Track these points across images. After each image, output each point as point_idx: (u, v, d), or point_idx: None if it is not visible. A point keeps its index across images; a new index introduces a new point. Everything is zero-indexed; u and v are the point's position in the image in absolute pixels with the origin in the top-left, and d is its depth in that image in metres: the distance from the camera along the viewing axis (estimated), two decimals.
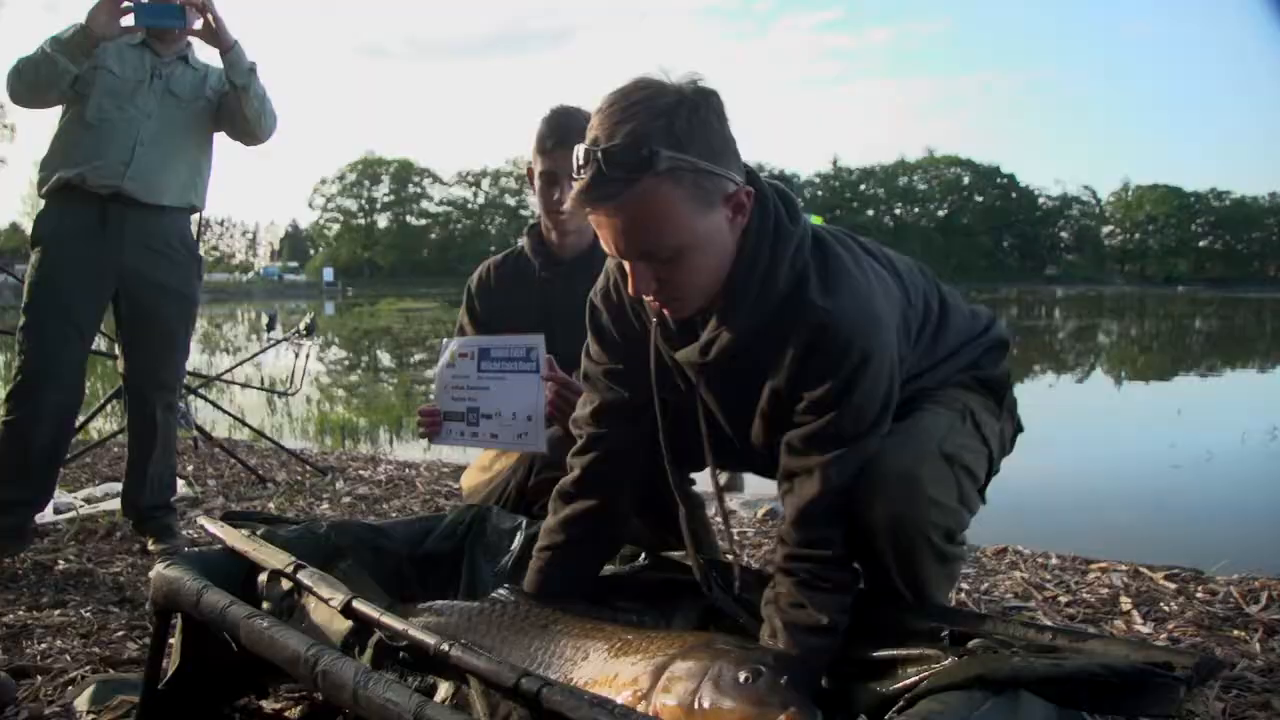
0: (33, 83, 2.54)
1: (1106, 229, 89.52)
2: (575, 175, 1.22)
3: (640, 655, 1.12)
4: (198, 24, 2.61)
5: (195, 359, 4.02)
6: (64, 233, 2.63)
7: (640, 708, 1.03)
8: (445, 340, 2.20)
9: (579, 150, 1.22)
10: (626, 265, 1.31)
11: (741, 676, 1.00)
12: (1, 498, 2.57)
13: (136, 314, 2.72)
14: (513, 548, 1.72)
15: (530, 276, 2.27)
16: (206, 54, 2.80)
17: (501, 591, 1.48)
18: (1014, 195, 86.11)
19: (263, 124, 2.77)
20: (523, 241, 2.33)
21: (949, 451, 1.40)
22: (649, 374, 1.48)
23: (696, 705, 0.99)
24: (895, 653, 1.17)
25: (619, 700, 1.06)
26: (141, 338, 2.75)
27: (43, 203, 2.71)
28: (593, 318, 1.57)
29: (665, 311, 1.38)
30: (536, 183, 2.18)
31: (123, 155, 2.61)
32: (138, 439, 2.80)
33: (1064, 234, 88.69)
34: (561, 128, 2.09)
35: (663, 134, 1.19)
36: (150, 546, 2.76)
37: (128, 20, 2.54)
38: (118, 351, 2.87)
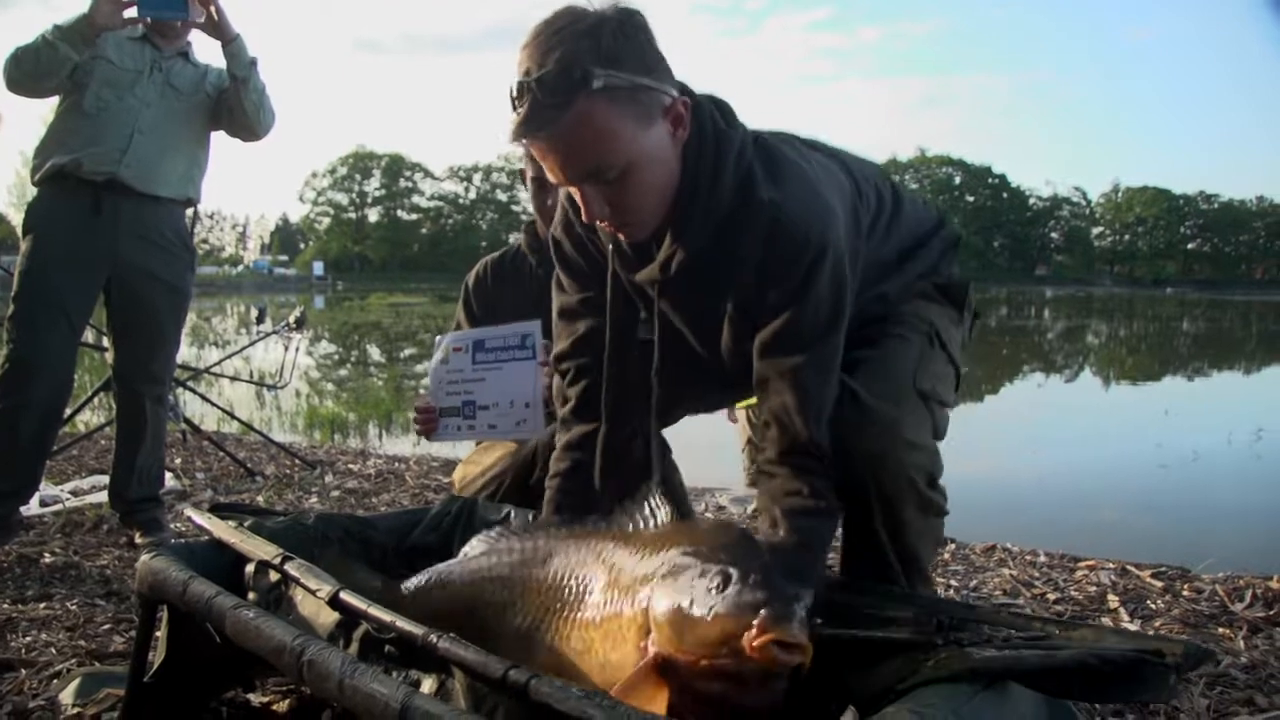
0: (31, 70, 2.53)
1: (1096, 230, 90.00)
2: (513, 110, 1.22)
3: (635, 581, 1.10)
4: (200, 17, 2.61)
5: (184, 352, 4.01)
6: (56, 220, 2.61)
7: (646, 645, 1.02)
8: (439, 337, 2.19)
9: (512, 85, 1.22)
10: (576, 193, 1.31)
11: (712, 586, 0.98)
12: None
13: (128, 304, 2.70)
14: None
15: (526, 274, 2.27)
16: (206, 55, 2.82)
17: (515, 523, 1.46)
18: (1005, 195, 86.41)
19: (261, 119, 2.77)
20: (519, 239, 2.33)
21: (924, 388, 1.44)
22: (616, 303, 1.50)
23: (682, 632, 0.98)
24: (885, 634, 1.16)
25: (630, 642, 1.06)
26: (132, 329, 2.74)
27: (33, 193, 2.69)
28: (557, 251, 1.58)
29: (622, 237, 1.38)
30: (529, 187, 2.17)
31: (119, 142, 2.59)
32: (126, 431, 2.79)
33: (1054, 235, 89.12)
34: None
35: (591, 53, 1.19)
36: (137, 539, 2.74)
37: (131, 12, 2.54)
38: (107, 343, 2.85)
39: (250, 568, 1.37)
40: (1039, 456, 5.94)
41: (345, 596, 1.13)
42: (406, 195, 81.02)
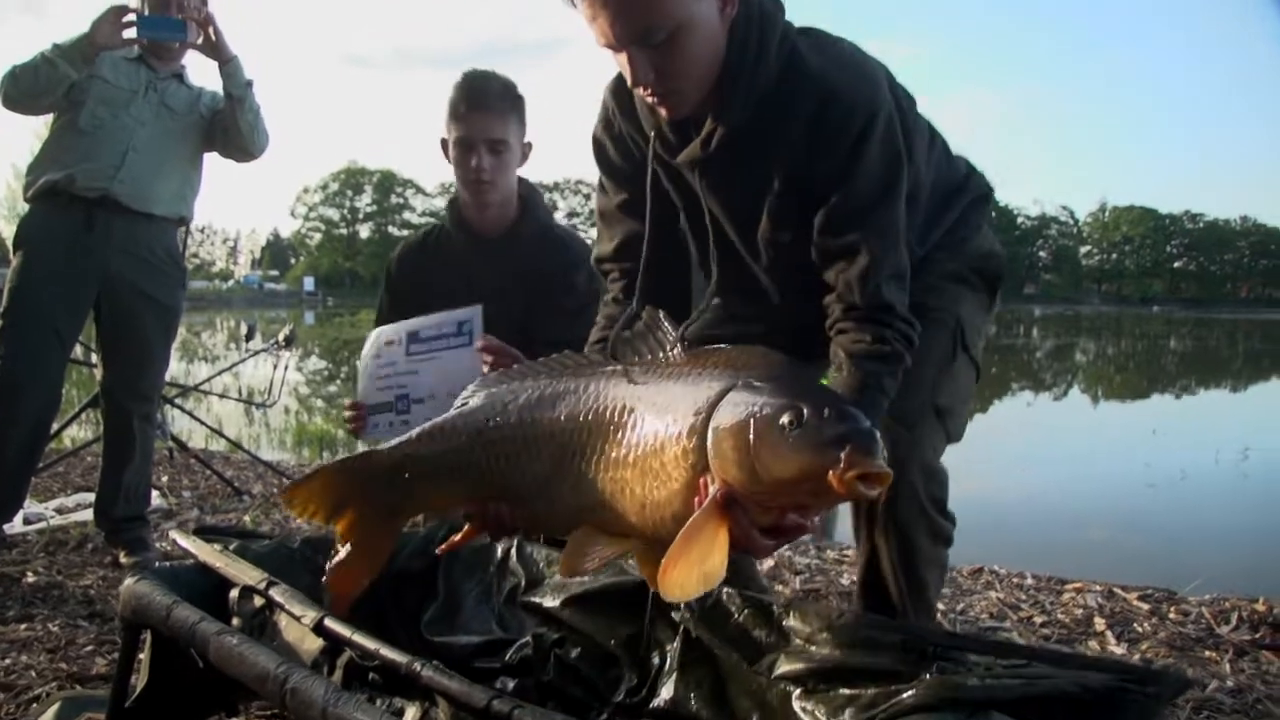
0: (30, 88, 2.55)
1: (1084, 249, 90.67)
2: None
3: (675, 414, 1.03)
4: (198, 38, 2.63)
5: (172, 367, 3.97)
6: (48, 237, 2.61)
7: (704, 482, 0.98)
8: (371, 332, 2.09)
9: None
10: (624, 58, 1.34)
11: (786, 422, 0.92)
12: None
13: (118, 322, 2.70)
14: (491, 568, 1.71)
15: (452, 254, 2.20)
16: (200, 77, 2.85)
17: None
18: (993, 214, 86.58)
19: (256, 139, 2.79)
20: (444, 217, 2.27)
21: (941, 404, 1.46)
22: (656, 198, 1.52)
23: (758, 471, 0.93)
24: (868, 662, 1.16)
25: (678, 480, 1.01)
26: (121, 346, 2.73)
27: (24, 207, 2.70)
28: (598, 152, 1.62)
29: (664, 111, 1.41)
30: (452, 152, 2.11)
31: (114, 159, 2.61)
32: (113, 449, 2.77)
33: (1042, 253, 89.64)
34: (475, 91, 2.05)
35: None
36: (122, 559, 2.72)
37: (130, 33, 2.56)
38: (95, 359, 2.84)
39: (235, 592, 1.36)
40: (1028, 476, 5.95)
41: (330, 623, 1.13)
42: (398, 211, 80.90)
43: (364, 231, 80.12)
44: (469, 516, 1.26)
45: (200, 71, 2.80)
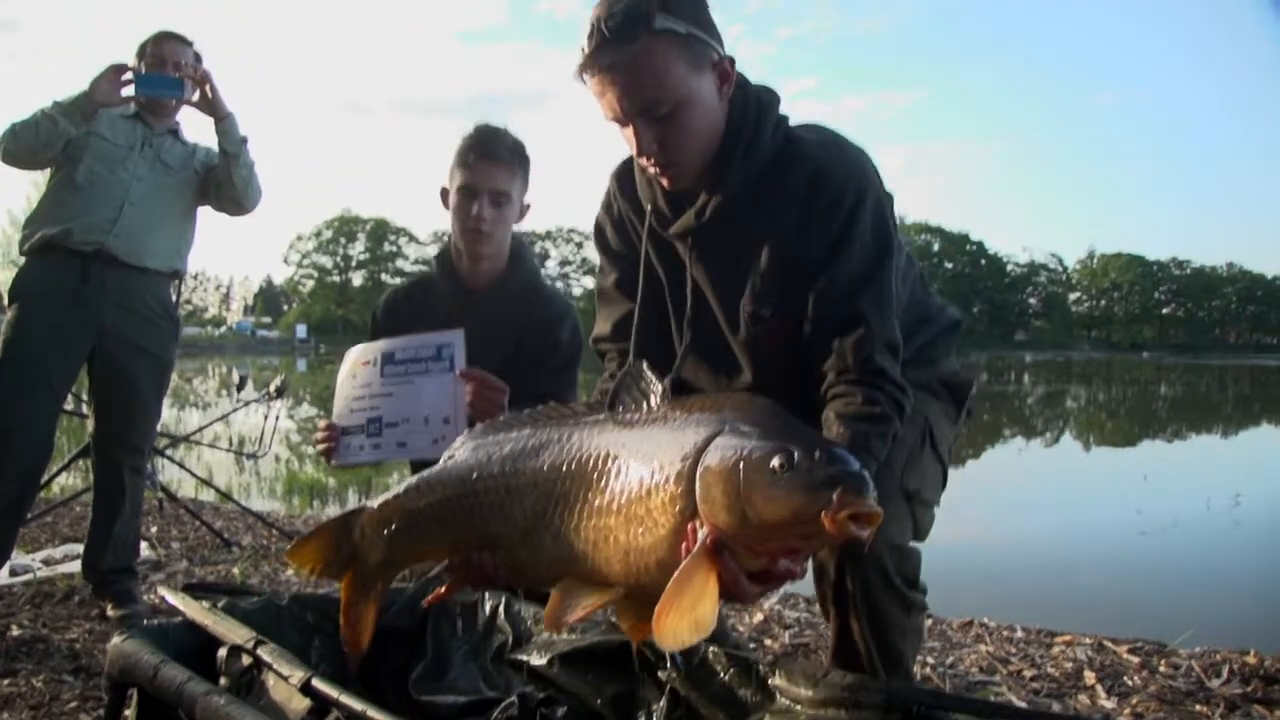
0: (29, 143, 2.60)
1: (1073, 296, 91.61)
2: (582, 53, 1.36)
3: (661, 462, 1.04)
4: (195, 95, 2.69)
5: (163, 415, 3.92)
6: (44, 290, 2.64)
7: (693, 527, 0.98)
8: (348, 352, 2.07)
9: (583, 28, 1.36)
10: (630, 132, 1.42)
11: (776, 465, 0.92)
12: None
13: (110, 374, 2.71)
14: (479, 626, 1.70)
15: (439, 304, 2.22)
16: (194, 134, 2.90)
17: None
18: (983, 262, 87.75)
19: (249, 194, 2.83)
20: (433, 266, 2.29)
21: (910, 488, 1.48)
22: (650, 278, 1.59)
23: (749, 516, 0.93)
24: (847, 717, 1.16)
25: (664, 526, 1.01)
26: (114, 398, 2.74)
27: (18, 257, 2.73)
28: (598, 234, 1.71)
29: (664, 181, 1.48)
30: (453, 199, 2.14)
31: (110, 213, 2.64)
32: (103, 500, 2.77)
33: (1032, 300, 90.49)
34: (484, 143, 2.10)
35: (656, 1, 1.34)
36: (110, 611, 2.70)
37: (128, 90, 2.61)
38: (87, 411, 2.85)
39: (223, 651, 1.36)
40: (1019, 524, 5.95)
41: (317, 683, 1.13)
42: (391, 259, 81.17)
43: (357, 279, 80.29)
44: (452, 568, 1.27)
45: (196, 127, 2.86)
